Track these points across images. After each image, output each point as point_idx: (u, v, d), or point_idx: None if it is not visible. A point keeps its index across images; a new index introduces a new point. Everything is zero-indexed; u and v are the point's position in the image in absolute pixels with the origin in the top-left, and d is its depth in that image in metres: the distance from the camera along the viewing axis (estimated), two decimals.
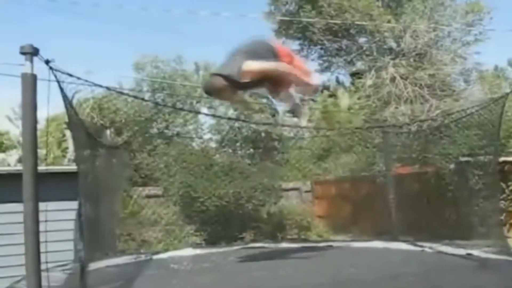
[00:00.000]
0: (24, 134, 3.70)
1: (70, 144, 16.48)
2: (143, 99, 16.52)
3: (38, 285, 3.72)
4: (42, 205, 3.92)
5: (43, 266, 5.43)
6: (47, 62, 3.74)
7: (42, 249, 4.10)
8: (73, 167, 12.49)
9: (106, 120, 14.97)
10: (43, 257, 4.23)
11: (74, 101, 4.63)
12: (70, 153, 16.42)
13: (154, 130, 17.03)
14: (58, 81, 3.93)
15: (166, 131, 17.27)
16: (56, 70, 3.85)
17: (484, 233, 8.32)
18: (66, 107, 4.36)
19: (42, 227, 4.36)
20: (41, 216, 4.34)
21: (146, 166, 14.47)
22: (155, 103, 16.52)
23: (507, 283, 4.92)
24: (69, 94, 4.40)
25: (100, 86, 4.36)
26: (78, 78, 4.03)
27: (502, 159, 10.70)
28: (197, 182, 13.27)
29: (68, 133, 16.28)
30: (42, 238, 4.19)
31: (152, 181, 14.43)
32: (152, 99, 17.05)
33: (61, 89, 4.04)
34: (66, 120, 16.04)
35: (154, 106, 17.08)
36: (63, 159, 17.42)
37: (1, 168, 13.36)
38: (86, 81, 4.12)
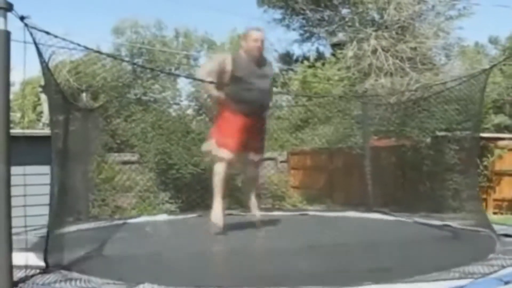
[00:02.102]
0: None
1: (45, 108, 16.22)
2: (123, 60, 16.32)
3: (9, 249, 3.61)
4: (19, 169, 3.81)
5: (20, 230, 5.34)
6: (22, 18, 3.56)
7: (20, 213, 4.01)
8: (48, 131, 12.37)
9: (83, 84, 14.73)
10: (21, 221, 4.14)
11: (51, 64, 4.47)
12: (45, 117, 16.17)
13: (131, 96, 16.82)
14: (34, 39, 3.77)
15: (143, 97, 17.08)
16: (32, 27, 3.68)
17: (461, 206, 8.39)
18: (42, 67, 4.19)
19: (20, 191, 4.26)
20: (19, 180, 4.23)
21: (122, 132, 14.28)
22: (135, 65, 16.30)
23: (482, 252, 4.95)
24: (46, 55, 4.23)
25: (79, 45, 4.18)
26: (56, 37, 3.86)
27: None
28: (173, 149, 13.18)
29: (43, 96, 16.02)
30: (20, 202, 4.09)
31: (127, 147, 14.28)
32: (131, 64, 16.86)
33: (37, 48, 3.87)
34: (42, 83, 15.85)
35: (132, 71, 16.88)
36: (38, 123, 17.17)
37: None
38: (64, 39, 3.95)
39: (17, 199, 3.76)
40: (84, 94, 12.97)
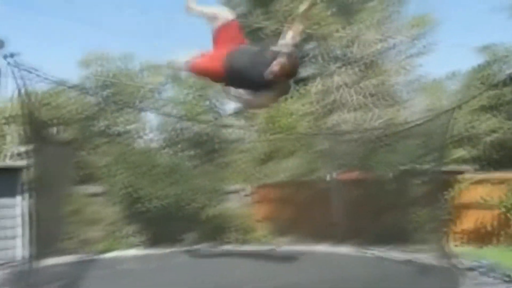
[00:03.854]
0: None
1: (8, 140, 15.97)
2: (88, 93, 16.24)
3: None
4: None
5: None
6: (11, 55, 3.65)
7: None
8: (12, 164, 12.22)
9: (50, 117, 14.59)
10: None
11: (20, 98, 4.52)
12: (8, 149, 15.92)
13: (96, 129, 16.71)
14: (21, 78, 3.83)
15: (108, 130, 16.98)
16: (18, 66, 3.75)
17: (424, 239, 8.58)
18: (23, 102, 4.25)
19: None
20: None
21: (87, 165, 14.19)
22: (103, 97, 16.18)
23: (445, 285, 5.11)
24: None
25: (70, 85, 4.23)
26: (39, 76, 3.92)
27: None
28: (139, 183, 13.18)
29: (6, 128, 15.80)
30: None
31: (92, 180, 14.19)
32: (99, 96, 16.81)
33: (24, 84, 3.93)
34: (5, 114, 15.66)
35: (97, 103, 16.80)
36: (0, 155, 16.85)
37: None
38: (46, 78, 4.00)
39: None
40: (55, 127, 12.89)
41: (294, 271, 6.60)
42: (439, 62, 25.04)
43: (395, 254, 7.30)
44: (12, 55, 3.64)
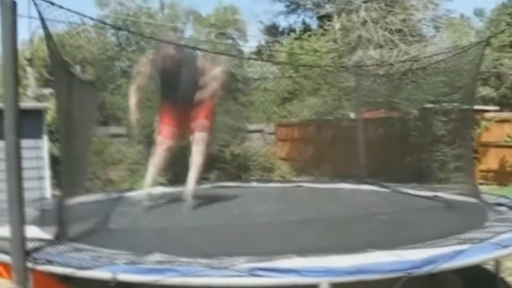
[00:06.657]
0: (5, 67, 3.55)
1: (31, 81, 16.01)
2: (129, 31, 16.12)
3: (22, 220, 3.65)
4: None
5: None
6: None
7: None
8: (37, 105, 12.25)
9: (70, 57, 14.51)
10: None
11: (36, 37, 4.48)
12: (31, 91, 15.98)
13: (117, 69, 16.63)
14: (39, 12, 3.74)
15: (129, 70, 16.88)
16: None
17: (450, 177, 8.49)
18: (47, 39, 4.18)
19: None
20: None
21: (109, 106, 14.17)
22: (127, 31, 16.03)
23: (477, 221, 5.04)
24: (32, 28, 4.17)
25: (91, 18, 4.15)
26: (60, 7, 3.82)
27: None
28: None
29: (29, 69, 15.80)
30: None
31: (114, 121, 14.20)
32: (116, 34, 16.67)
33: (42, 21, 3.85)
34: (27, 56, 15.64)
35: (117, 44, 16.69)
36: (23, 96, 16.91)
37: None
38: (70, 10, 3.90)
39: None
40: (78, 67, 12.81)
41: (323, 207, 6.59)
42: None
43: (420, 192, 7.21)
44: None
